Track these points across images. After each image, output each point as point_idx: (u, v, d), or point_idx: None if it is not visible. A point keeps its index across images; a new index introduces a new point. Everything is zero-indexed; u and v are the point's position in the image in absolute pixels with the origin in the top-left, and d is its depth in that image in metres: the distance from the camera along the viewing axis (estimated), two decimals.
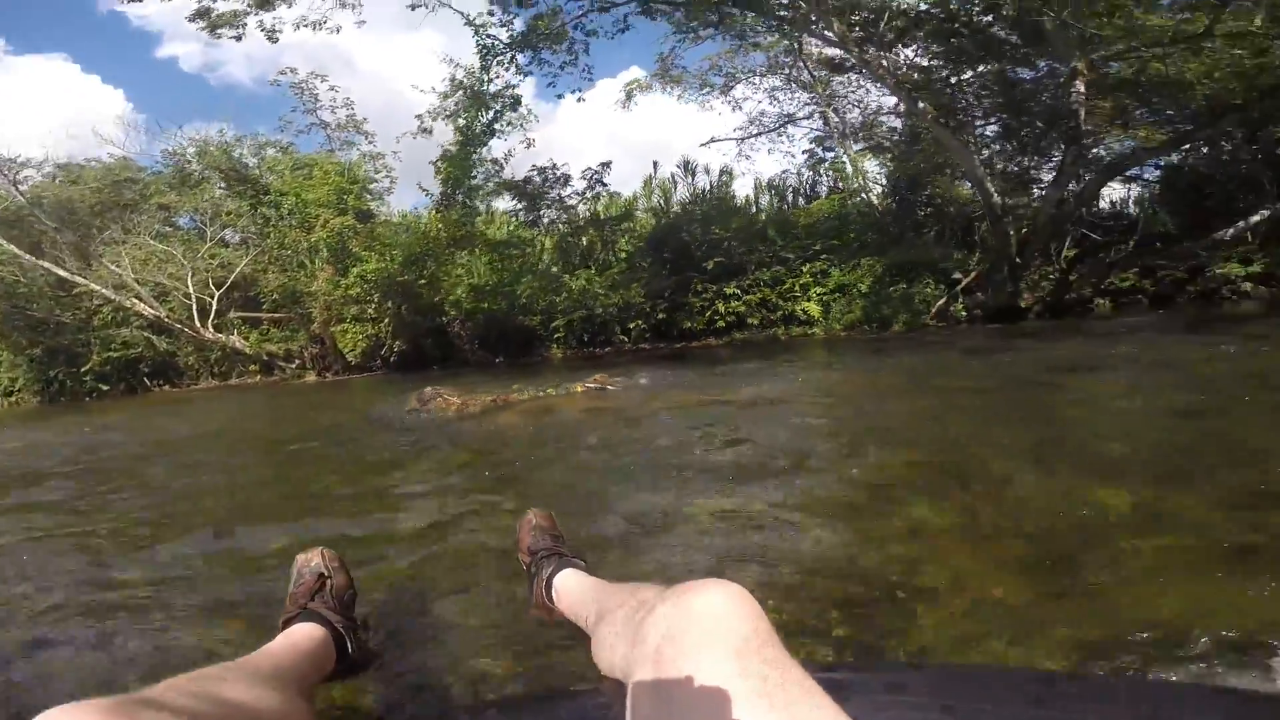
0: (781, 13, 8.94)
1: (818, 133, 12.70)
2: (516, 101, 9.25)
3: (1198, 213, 10.67)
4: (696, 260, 8.95)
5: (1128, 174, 12.33)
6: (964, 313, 8.51)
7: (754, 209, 13.82)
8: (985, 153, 10.56)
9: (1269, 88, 6.81)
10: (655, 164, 15.03)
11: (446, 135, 9.28)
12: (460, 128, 9.06)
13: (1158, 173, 12.67)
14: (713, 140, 14.13)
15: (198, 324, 9.77)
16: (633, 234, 10.11)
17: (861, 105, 12.12)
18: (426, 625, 1.34)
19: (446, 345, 8.99)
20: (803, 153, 13.39)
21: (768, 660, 0.56)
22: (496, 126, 9.22)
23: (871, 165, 12.05)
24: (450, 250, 8.40)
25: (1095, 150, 10.01)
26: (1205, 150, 11.13)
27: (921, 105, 8.52)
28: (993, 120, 11.16)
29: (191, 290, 9.93)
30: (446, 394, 4.59)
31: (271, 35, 8.93)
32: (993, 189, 8.01)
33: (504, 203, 10.94)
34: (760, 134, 13.39)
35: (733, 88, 12.52)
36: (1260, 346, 4.38)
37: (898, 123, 11.65)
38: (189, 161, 11.96)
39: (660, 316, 8.49)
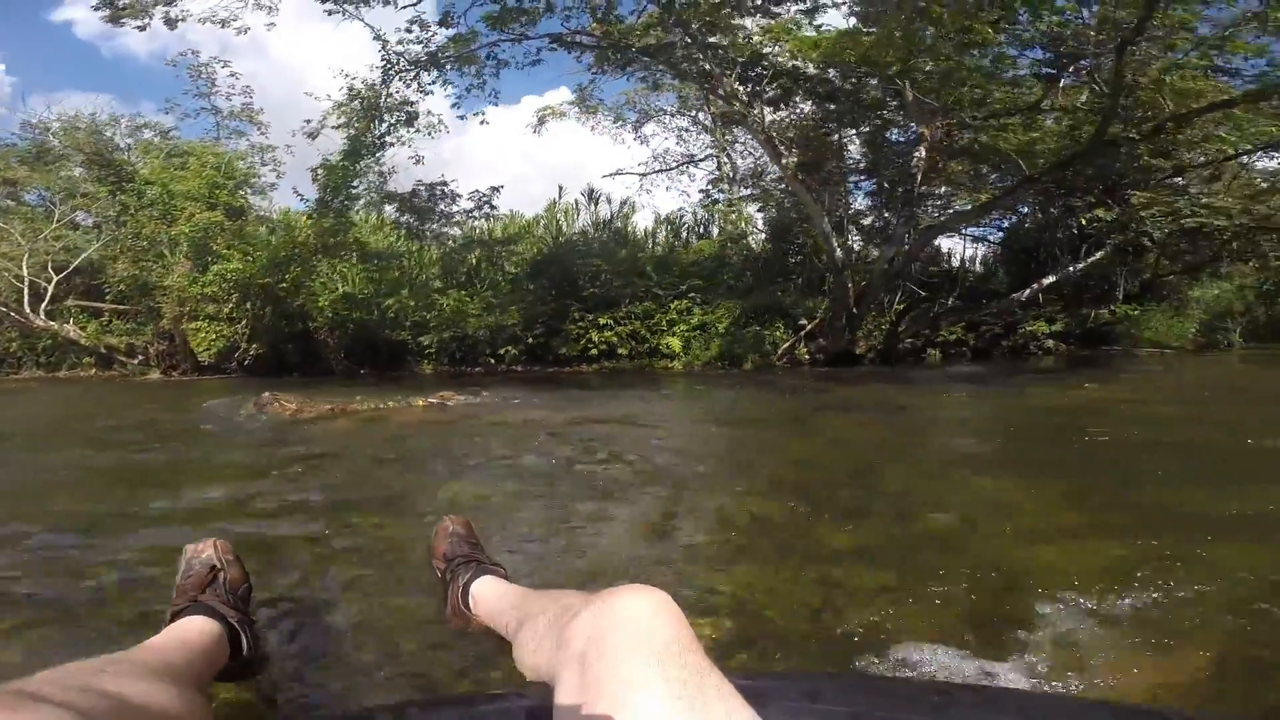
0: (682, 65, 9.66)
1: (713, 175, 13.66)
2: (413, 118, 9.42)
3: (1028, 273, 12.44)
4: (576, 289, 9.37)
5: (975, 235, 14.21)
6: (807, 356, 9.43)
7: (651, 242, 14.57)
8: (857, 207, 11.88)
9: (1059, 162, 8.07)
10: (560, 188, 15.46)
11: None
12: (350, 137, 9.09)
13: (1000, 234, 14.65)
14: (618, 173, 14.77)
15: (27, 309, 9.03)
16: (520, 258, 10.40)
17: (756, 153, 13.16)
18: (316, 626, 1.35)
19: (311, 353, 8.83)
20: (700, 191, 14.27)
21: (688, 666, 0.57)
22: (388, 139, 9.33)
23: (758, 212, 13.08)
24: (318, 257, 8.33)
25: (932, 211, 11.49)
26: (1039, 215, 13.00)
27: (784, 161, 9.46)
28: (867, 178, 12.54)
29: (25, 273, 9.18)
30: (284, 399, 4.68)
31: (173, 24, 8.62)
32: (835, 244, 9.00)
33: (392, 212, 10.97)
34: (662, 170, 14.19)
35: (644, 124, 13.25)
36: (976, 400, 5.35)
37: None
38: (51, 137, 11.12)
39: (531, 340, 8.79)
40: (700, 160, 14.08)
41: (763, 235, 12.52)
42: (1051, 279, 9.54)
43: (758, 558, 1.71)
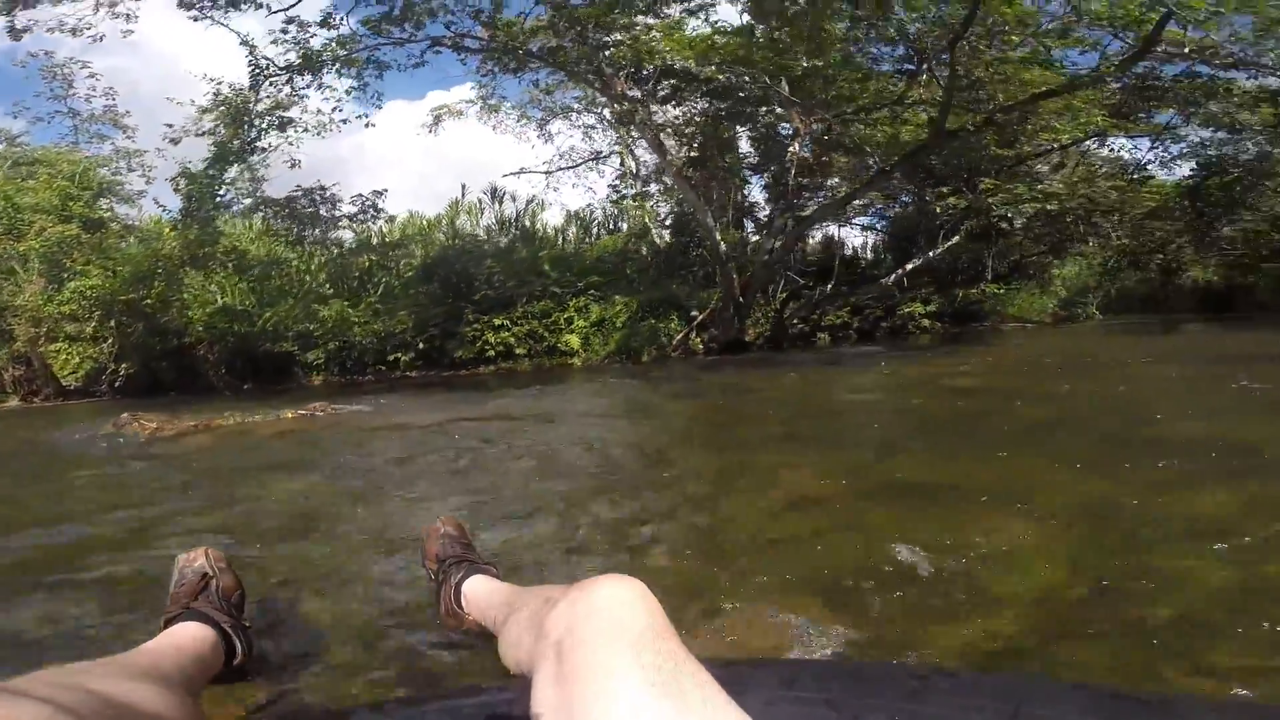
0: (574, 67, 9.76)
1: (619, 172, 13.78)
2: (286, 123, 9.13)
3: (908, 258, 13.31)
4: (470, 291, 9.36)
5: (863, 224, 15.08)
6: (701, 346, 9.83)
7: (561, 239, 14.64)
8: (753, 200, 12.37)
9: (907, 154, 8.73)
10: (464, 187, 15.26)
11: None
12: (217, 144, 8.72)
13: (884, 223, 15.58)
14: (520, 172, 14.69)
15: None
16: (412, 261, 10.28)
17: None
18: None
19: (189, 369, 8.43)
20: (609, 187, 14.34)
21: (663, 652, 0.58)
22: (260, 145, 9.01)
23: (663, 207, 13.36)
24: (185, 269, 7.97)
25: (818, 203, 12.15)
26: (914, 204, 13.93)
27: (669, 158, 9.79)
28: (758, 173, 13.06)
29: None
30: (144, 419, 4.54)
31: (18, 35, 7.99)
32: (719, 237, 9.41)
33: (272, 219, 10.56)
34: (569, 168, 14.17)
35: (549, 122, 13.17)
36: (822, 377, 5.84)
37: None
38: None
39: (422, 345, 8.72)
40: (606, 157, 14.19)
41: (666, 231, 12.87)
42: (915, 263, 10.28)
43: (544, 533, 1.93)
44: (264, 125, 8.92)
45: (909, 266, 10.22)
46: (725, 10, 9.46)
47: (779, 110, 10.28)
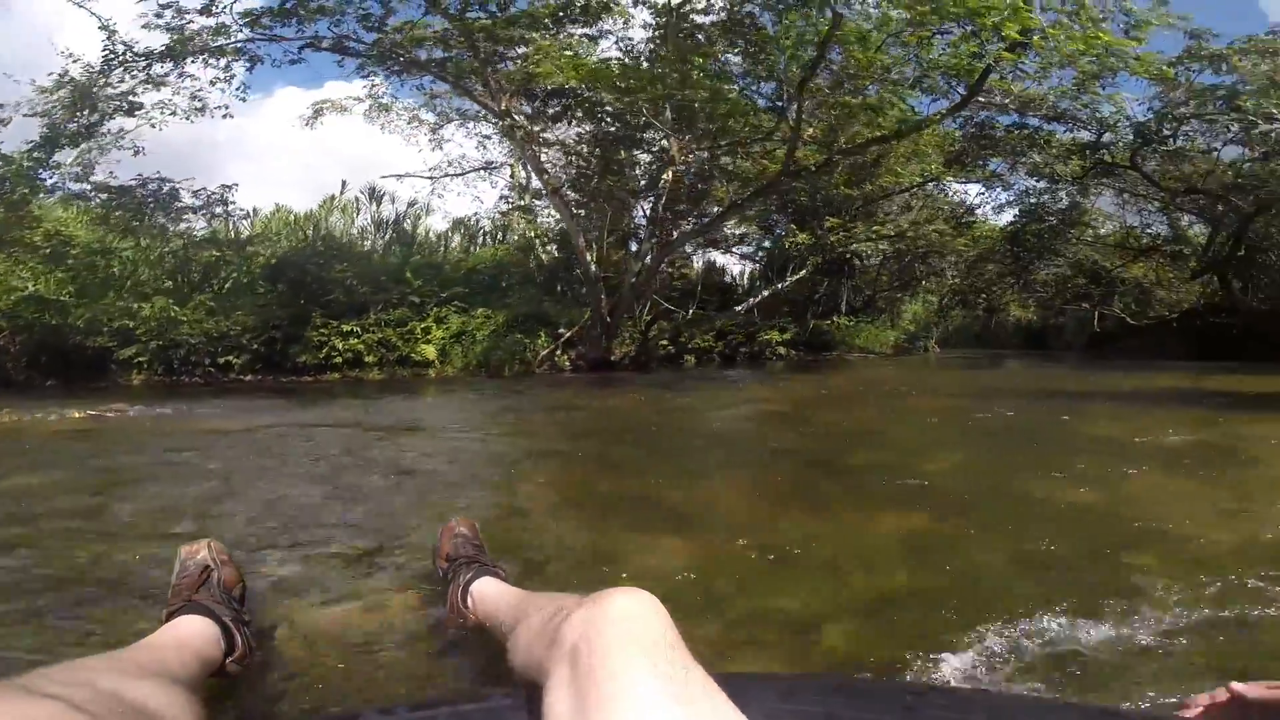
0: (462, 80, 9.67)
1: (510, 184, 13.66)
2: (134, 108, 8.57)
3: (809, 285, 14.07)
4: (320, 294, 9.01)
5: (743, 254, 15.84)
6: (567, 363, 9.99)
7: (445, 246, 14.33)
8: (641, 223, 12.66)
9: (756, 191, 9.37)
10: (344, 183, 14.58)
11: None
12: (49, 125, 8.05)
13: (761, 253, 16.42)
14: (405, 175, 14.26)
15: None
16: (262, 259, 9.74)
17: (554, 164, 13.39)
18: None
19: None
20: (500, 198, 14.28)
21: (676, 661, 0.59)
22: (102, 129, 8.43)
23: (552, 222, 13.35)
24: None
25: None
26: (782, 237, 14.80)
27: (547, 176, 9.93)
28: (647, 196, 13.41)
29: None
30: None
31: None
32: (589, 258, 9.63)
33: (108, 207, 9.70)
34: (457, 175, 13.89)
35: (442, 127, 12.83)
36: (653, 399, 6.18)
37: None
38: None
39: (257, 348, 8.28)
40: (497, 168, 14.06)
41: (554, 246, 12.96)
42: (764, 295, 10.97)
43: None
44: (109, 109, 8.33)
45: (759, 297, 10.87)
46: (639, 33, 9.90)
47: (661, 137, 10.73)
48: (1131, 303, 13.77)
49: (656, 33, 9.16)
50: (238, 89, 9.10)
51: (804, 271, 11.60)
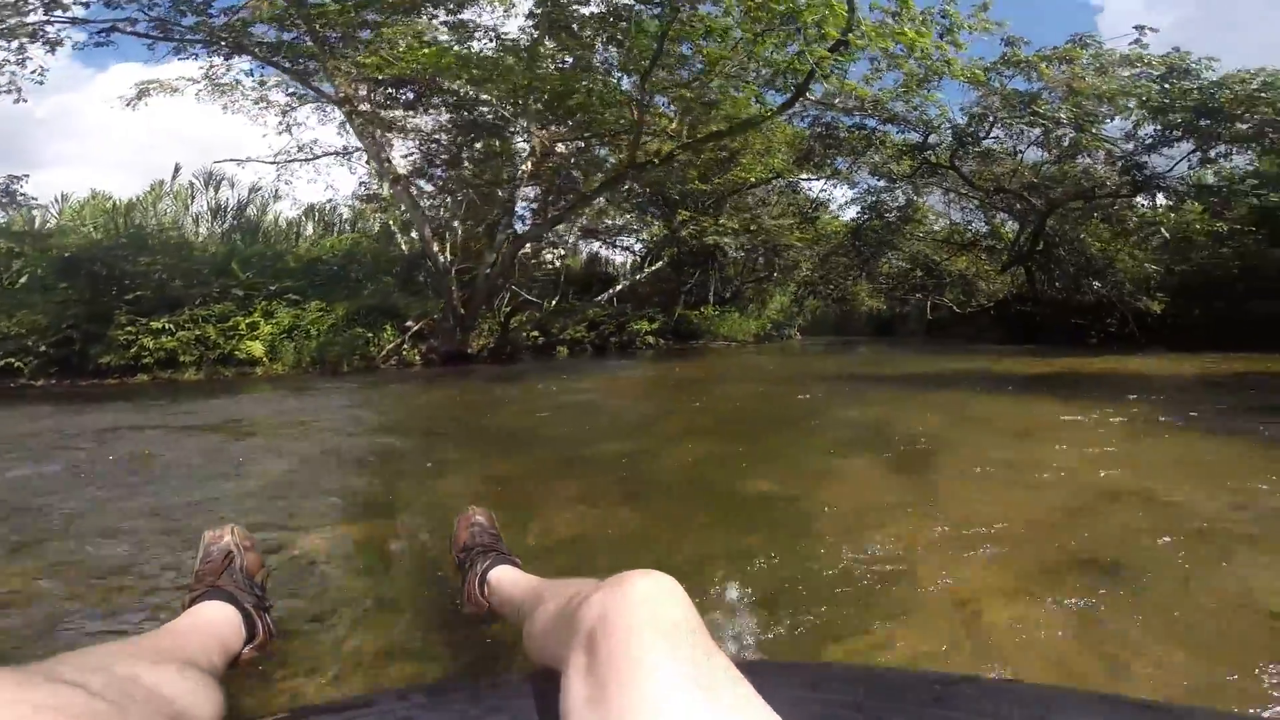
0: (298, 65, 8.85)
1: (367, 170, 12.77)
2: None
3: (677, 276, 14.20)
4: (125, 288, 8.05)
5: (625, 245, 15.88)
6: (418, 357, 9.55)
7: (296, 234, 13.23)
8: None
9: (605, 182, 9.41)
10: (177, 167, 13.22)
11: None
12: None
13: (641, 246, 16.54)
14: (246, 160, 13.03)
15: None
16: (49, 253, 8.54)
17: (413, 153, 12.65)
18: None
19: None
20: (360, 184, 13.36)
21: (698, 646, 0.57)
22: None
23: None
24: None
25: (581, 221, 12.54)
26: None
27: (388, 165, 9.40)
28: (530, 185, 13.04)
29: None
30: None
31: None
32: (436, 249, 9.25)
33: None
34: (309, 160, 12.81)
35: (294, 110, 11.70)
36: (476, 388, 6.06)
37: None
38: None
39: (46, 349, 7.29)
40: (350, 154, 13.15)
41: (415, 235, 12.33)
42: (623, 285, 11.07)
43: None
44: None
45: (618, 287, 10.95)
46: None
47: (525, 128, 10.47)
48: (959, 293, 15.18)
49: (529, 22, 8.94)
50: (34, 72, 7.93)
51: (660, 263, 11.79)
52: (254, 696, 1.10)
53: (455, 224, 10.12)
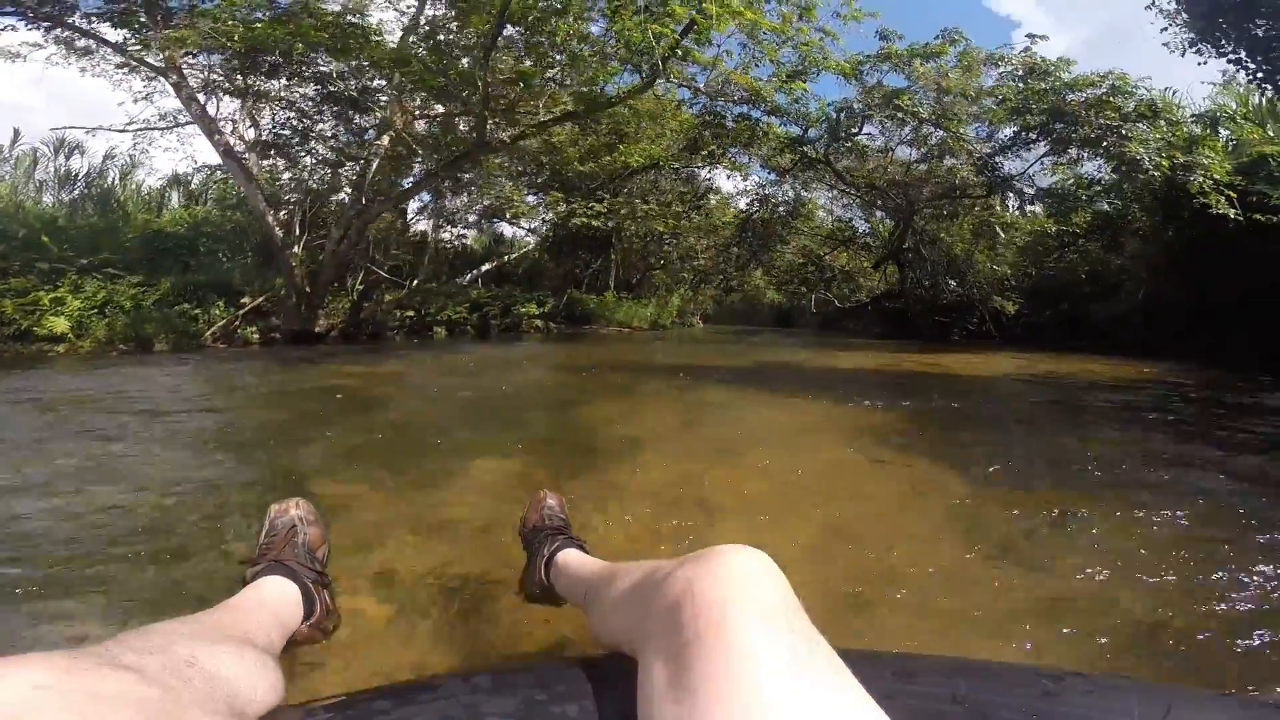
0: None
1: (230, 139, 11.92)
2: None
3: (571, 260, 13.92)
4: None
5: (529, 227, 15.52)
6: (256, 335, 9.07)
7: (162, 206, 12.39)
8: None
9: (448, 161, 9.11)
10: (16, 132, 12.21)
11: None
12: None
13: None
14: (96, 129, 12.00)
15: None
16: None
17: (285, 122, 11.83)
18: None
19: None
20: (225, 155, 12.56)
21: (797, 630, 0.51)
22: None
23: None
24: None
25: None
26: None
27: (217, 138, 8.81)
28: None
29: None
30: None
31: None
32: (272, 222, 8.77)
33: None
34: (168, 129, 11.88)
35: (157, 77, 10.68)
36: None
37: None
38: None
39: None
40: (186, 124, 12.28)
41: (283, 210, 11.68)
42: (487, 267, 10.83)
43: None
44: None
45: (484, 269, 10.70)
46: None
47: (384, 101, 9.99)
48: (844, 288, 15.51)
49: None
50: None
51: (529, 246, 11.59)
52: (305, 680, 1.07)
53: (305, 199, 9.60)
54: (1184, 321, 9.79)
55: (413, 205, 15.01)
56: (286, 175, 9.69)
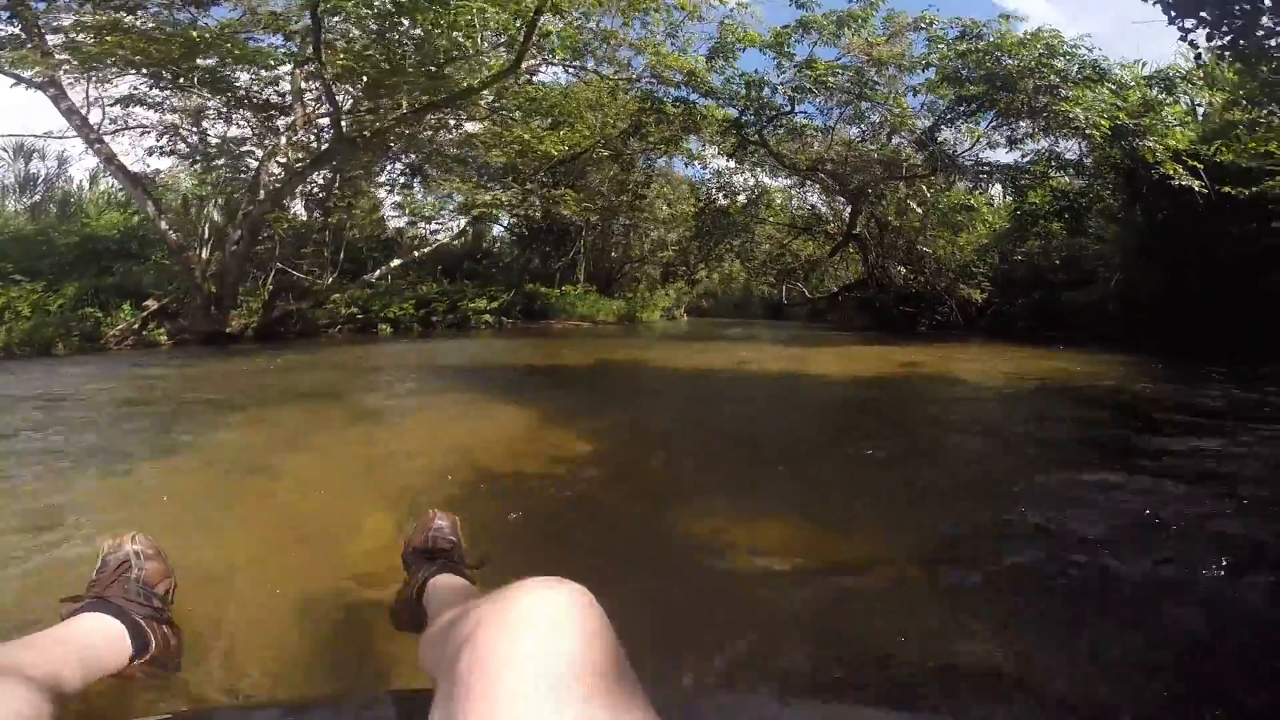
0: None
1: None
2: None
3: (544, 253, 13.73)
4: None
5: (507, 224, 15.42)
6: (164, 337, 9.17)
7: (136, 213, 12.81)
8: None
9: (319, 156, 8.90)
10: None
11: None
12: None
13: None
14: (50, 135, 12.48)
15: None
16: None
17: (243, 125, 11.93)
18: None
19: None
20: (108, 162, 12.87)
21: (594, 690, 0.43)
22: None
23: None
24: None
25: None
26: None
27: (98, 146, 8.82)
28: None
29: None
30: None
31: None
32: (164, 224, 8.81)
33: None
34: (117, 131, 12.25)
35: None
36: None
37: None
38: None
39: None
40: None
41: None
42: (395, 263, 10.63)
43: None
44: None
45: (394, 264, 10.52)
46: None
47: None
48: (815, 278, 14.56)
49: None
50: None
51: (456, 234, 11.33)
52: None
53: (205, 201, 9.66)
54: (1159, 308, 8.60)
55: (388, 203, 15.19)
56: (188, 181, 9.72)
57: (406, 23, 7.10)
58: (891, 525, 1.93)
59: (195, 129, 9.70)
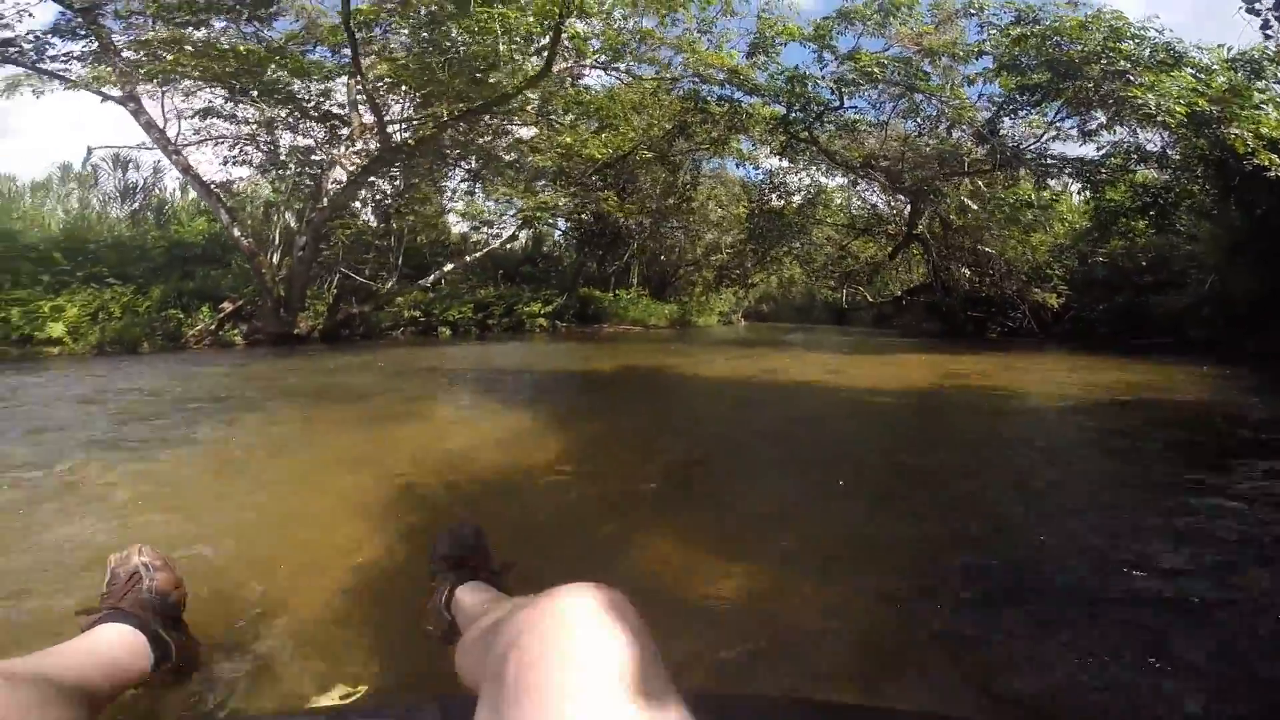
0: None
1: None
2: None
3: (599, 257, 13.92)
4: None
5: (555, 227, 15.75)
6: (239, 338, 9.83)
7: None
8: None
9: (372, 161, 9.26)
10: (90, 150, 14.12)
11: None
12: None
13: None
14: (142, 146, 13.73)
15: None
16: None
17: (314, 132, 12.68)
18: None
19: None
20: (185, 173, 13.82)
21: (639, 692, 0.46)
22: None
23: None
24: None
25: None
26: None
27: (175, 157, 9.51)
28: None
29: None
30: None
31: None
32: (238, 232, 9.43)
33: None
34: (196, 143, 13.34)
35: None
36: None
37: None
38: None
39: None
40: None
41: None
42: (449, 267, 10.87)
43: None
44: None
45: (447, 268, 10.81)
46: None
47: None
48: (878, 281, 13.92)
49: None
50: None
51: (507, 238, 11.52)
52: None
53: (279, 209, 10.26)
54: (1258, 312, 7.72)
55: (453, 208, 15.72)
56: (268, 189, 10.35)
57: (438, 31, 7.29)
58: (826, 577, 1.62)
59: (268, 139, 10.31)
